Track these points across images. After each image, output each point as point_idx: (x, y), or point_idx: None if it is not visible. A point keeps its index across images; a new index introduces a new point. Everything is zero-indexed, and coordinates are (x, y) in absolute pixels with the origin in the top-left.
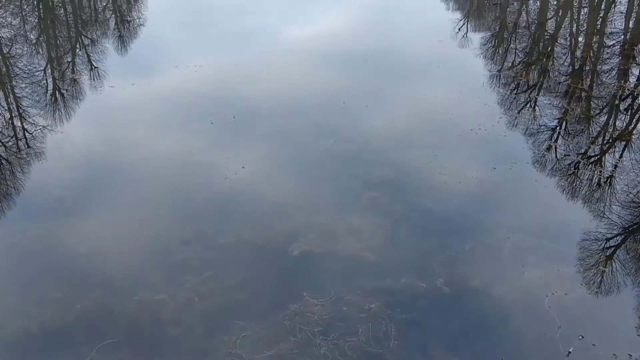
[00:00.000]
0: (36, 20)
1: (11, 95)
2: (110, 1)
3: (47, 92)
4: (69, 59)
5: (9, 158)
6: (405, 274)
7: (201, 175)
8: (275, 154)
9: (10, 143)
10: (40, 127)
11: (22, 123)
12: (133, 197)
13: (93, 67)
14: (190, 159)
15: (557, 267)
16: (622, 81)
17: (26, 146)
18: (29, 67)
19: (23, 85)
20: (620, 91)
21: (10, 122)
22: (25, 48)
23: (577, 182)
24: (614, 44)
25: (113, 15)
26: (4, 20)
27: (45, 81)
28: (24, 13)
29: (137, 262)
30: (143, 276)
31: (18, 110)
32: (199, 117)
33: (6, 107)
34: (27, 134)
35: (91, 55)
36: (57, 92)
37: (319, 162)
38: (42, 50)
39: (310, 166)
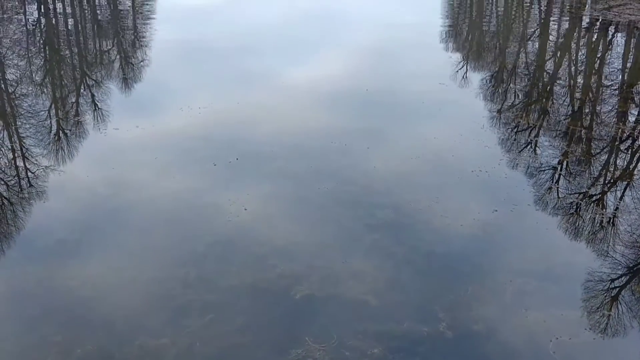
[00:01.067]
0: (42, 62)
1: (15, 135)
2: (115, 43)
3: (50, 131)
4: (73, 100)
5: (10, 198)
6: (408, 318)
7: (203, 217)
8: (277, 196)
9: (12, 182)
10: (43, 167)
11: (24, 162)
12: (135, 239)
13: (97, 107)
14: (192, 201)
15: (560, 310)
16: (622, 123)
17: (28, 185)
18: (34, 108)
19: (27, 125)
20: (620, 132)
21: (13, 161)
22: (31, 89)
23: (580, 223)
24: (612, 84)
25: (118, 57)
26: (10, 62)
27: (49, 121)
28: (30, 54)
29: (138, 305)
30: (145, 320)
31: (21, 150)
32: (201, 159)
33: (9, 147)
34: (29, 173)
35: (95, 95)
36: (60, 132)
37: (321, 205)
38: (47, 90)
39: (312, 208)
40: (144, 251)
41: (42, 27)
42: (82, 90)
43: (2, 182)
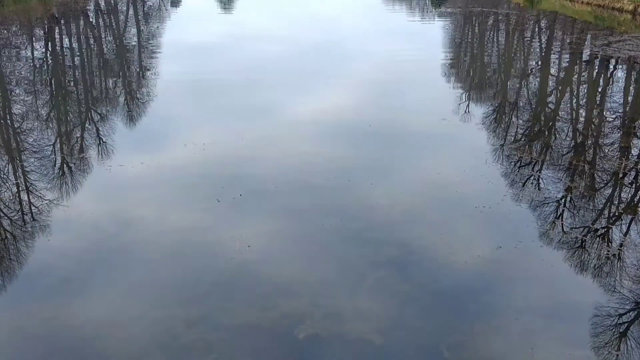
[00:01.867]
0: (48, 97)
1: (19, 169)
2: (121, 78)
3: (55, 166)
4: (78, 134)
5: (14, 232)
6: (413, 357)
7: (207, 254)
8: (281, 233)
9: (16, 217)
10: (47, 200)
11: (28, 197)
12: (138, 276)
13: (102, 141)
14: (196, 238)
15: (568, 349)
16: (624, 158)
17: (32, 220)
18: (39, 142)
19: (32, 159)
20: (623, 166)
21: (17, 195)
22: (36, 124)
23: (585, 258)
24: (614, 118)
25: (123, 92)
26: (17, 97)
27: (54, 156)
28: (36, 90)
29: (142, 344)
30: (147, 359)
31: (25, 184)
32: (205, 196)
33: (14, 181)
34: (33, 207)
35: (100, 130)
36: (65, 167)
37: (325, 241)
38: (52, 125)
39: (316, 245)
40: (147, 289)
41: (49, 63)
42: (87, 125)
43: (6, 217)
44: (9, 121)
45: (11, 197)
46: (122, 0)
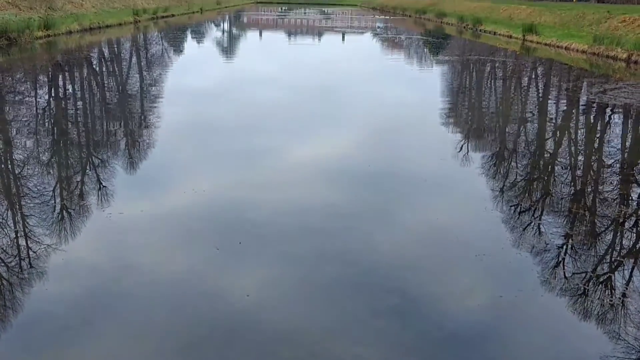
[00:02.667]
0: (49, 143)
1: (18, 214)
2: (122, 124)
3: (54, 211)
4: (79, 179)
5: (10, 279)
6: None
7: (205, 303)
8: (281, 281)
9: (12, 263)
10: (45, 245)
11: (27, 242)
12: (136, 325)
13: (102, 186)
14: (194, 287)
15: None
16: (624, 204)
17: (29, 266)
18: (39, 187)
19: (31, 204)
20: (623, 212)
21: (15, 241)
22: (37, 169)
23: (588, 305)
24: (612, 164)
25: (124, 137)
26: (18, 143)
27: (53, 201)
28: (38, 136)
29: None
30: None
31: (24, 230)
32: (205, 243)
33: (12, 227)
34: (31, 253)
35: (101, 175)
36: (64, 213)
37: (325, 289)
38: (53, 170)
39: (316, 293)
40: (144, 337)
41: (52, 109)
42: (87, 171)
43: (2, 263)
44: (9, 166)
45: (9, 243)
46: (126, 48)
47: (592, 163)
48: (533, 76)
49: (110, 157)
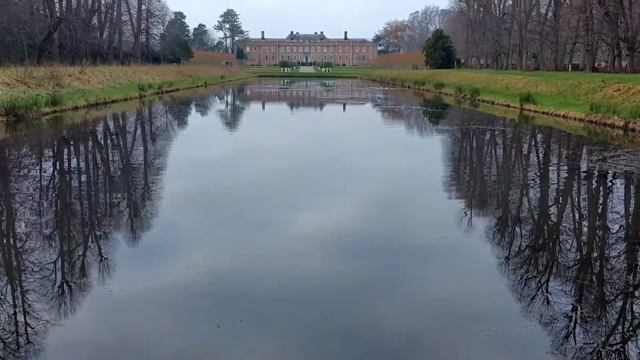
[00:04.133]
0: (52, 216)
1: (18, 289)
2: (125, 196)
3: (54, 285)
4: (81, 253)
5: (6, 357)
6: None
7: None
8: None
9: (10, 339)
10: (44, 322)
11: (25, 317)
12: None
13: (103, 259)
14: None
15: None
16: (633, 271)
17: (26, 342)
18: (40, 261)
19: (31, 279)
20: (632, 279)
21: (13, 316)
22: (39, 242)
23: None
24: (617, 230)
25: (127, 210)
26: (21, 216)
27: (54, 275)
28: (41, 209)
29: None
30: None
31: (23, 305)
32: (206, 321)
33: (11, 302)
34: (29, 328)
35: (103, 249)
36: (64, 286)
37: None
38: (55, 244)
39: None
40: None
41: (55, 182)
42: (89, 244)
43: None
44: (11, 240)
45: (7, 319)
46: (130, 121)
47: (597, 231)
48: (533, 144)
49: (112, 230)
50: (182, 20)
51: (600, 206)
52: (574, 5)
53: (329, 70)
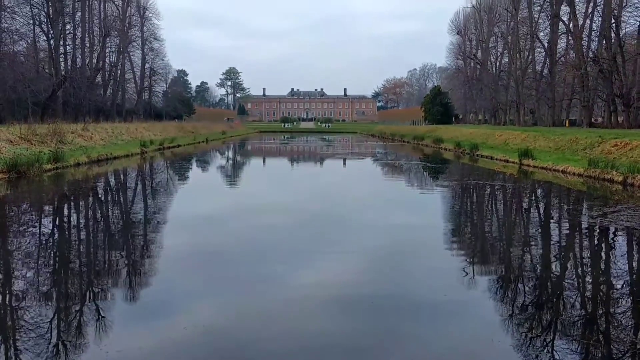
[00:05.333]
0: (49, 273)
1: (12, 348)
2: (124, 253)
3: (49, 344)
4: (77, 310)
5: None
6: None
7: None
8: None
9: None
10: None
11: None
12: None
13: (100, 316)
14: None
15: None
16: (639, 332)
17: None
18: (35, 319)
19: (26, 338)
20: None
21: None
22: (35, 300)
23: None
24: (622, 286)
25: (125, 267)
26: (18, 273)
27: (49, 333)
28: (38, 266)
29: None
30: None
31: None
32: None
33: None
34: None
35: (100, 307)
36: (60, 345)
37: None
38: (52, 302)
39: None
40: None
41: (54, 239)
42: (87, 303)
43: None
44: (7, 298)
45: None
46: (131, 177)
47: (602, 288)
48: (533, 199)
49: (110, 288)
50: (185, 77)
51: (604, 263)
52: (569, 63)
53: (329, 126)
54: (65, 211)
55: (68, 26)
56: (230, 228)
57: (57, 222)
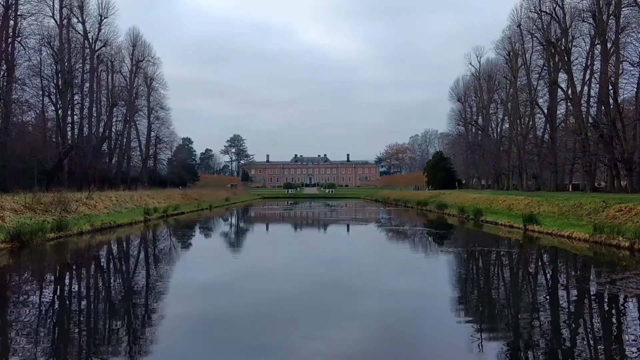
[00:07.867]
0: (49, 344)
1: None
2: (125, 321)
3: None
4: None
5: None
6: None
7: None
8: None
9: None
10: None
11: None
12: None
13: None
14: None
15: None
16: None
17: None
18: None
19: None
20: None
21: None
22: None
23: None
24: (635, 355)
25: (126, 335)
26: (16, 346)
27: None
28: (37, 336)
29: None
30: None
31: None
32: None
33: None
34: None
35: None
36: None
37: None
38: None
39: None
40: None
41: (55, 308)
42: None
43: None
44: None
45: None
46: (134, 245)
47: (614, 356)
48: (540, 264)
49: (111, 357)
50: (190, 145)
51: (615, 330)
52: (569, 128)
53: (332, 191)
54: (66, 280)
55: (76, 97)
56: (231, 296)
57: (57, 292)
